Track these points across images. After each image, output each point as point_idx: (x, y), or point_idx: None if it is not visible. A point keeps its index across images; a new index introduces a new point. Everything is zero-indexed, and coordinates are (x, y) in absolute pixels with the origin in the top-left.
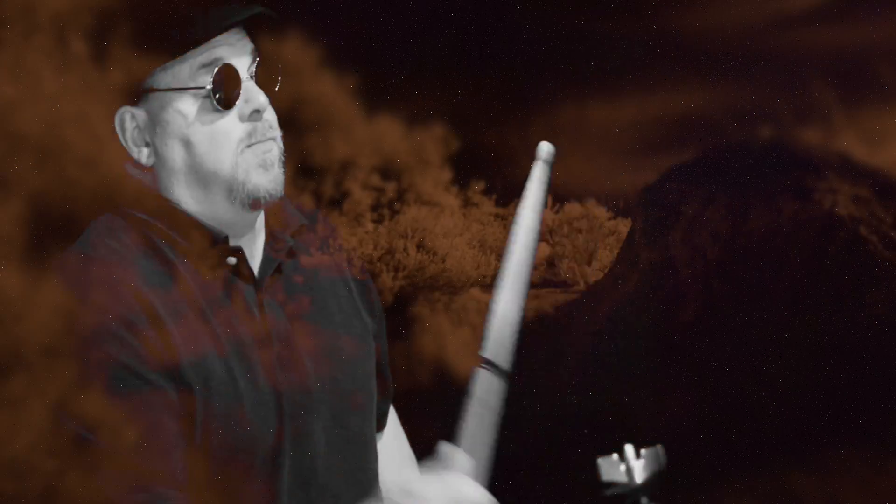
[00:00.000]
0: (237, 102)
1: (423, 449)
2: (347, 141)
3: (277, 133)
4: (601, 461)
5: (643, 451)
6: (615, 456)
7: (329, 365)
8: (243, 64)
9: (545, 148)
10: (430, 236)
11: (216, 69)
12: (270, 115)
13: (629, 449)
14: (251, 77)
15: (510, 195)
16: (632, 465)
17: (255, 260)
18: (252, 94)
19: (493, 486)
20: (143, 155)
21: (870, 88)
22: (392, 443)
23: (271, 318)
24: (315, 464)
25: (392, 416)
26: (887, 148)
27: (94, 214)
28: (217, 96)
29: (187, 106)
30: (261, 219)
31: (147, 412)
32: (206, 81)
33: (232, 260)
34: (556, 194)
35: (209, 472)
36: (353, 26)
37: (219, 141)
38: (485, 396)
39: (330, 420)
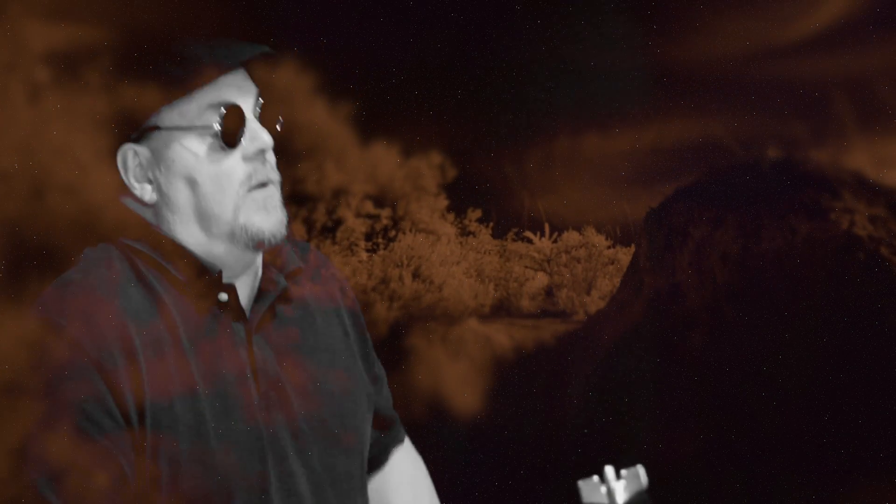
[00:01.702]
0: (242, 141)
1: None
2: (341, 168)
3: (277, 176)
4: (582, 483)
5: (623, 472)
6: (595, 478)
7: (318, 404)
8: (248, 103)
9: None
10: (427, 264)
11: (223, 108)
12: (271, 158)
13: (609, 470)
14: (256, 116)
15: (507, 225)
16: (612, 487)
17: (249, 298)
18: (257, 134)
19: None
20: (146, 192)
21: (866, 113)
22: (404, 478)
23: (259, 357)
24: None
25: (403, 452)
26: (892, 171)
27: (74, 244)
28: (224, 136)
29: (193, 145)
30: (258, 259)
31: (111, 456)
32: (214, 120)
33: (223, 296)
34: (553, 224)
35: None
36: (349, 53)
37: (222, 183)
38: None
39: (316, 461)
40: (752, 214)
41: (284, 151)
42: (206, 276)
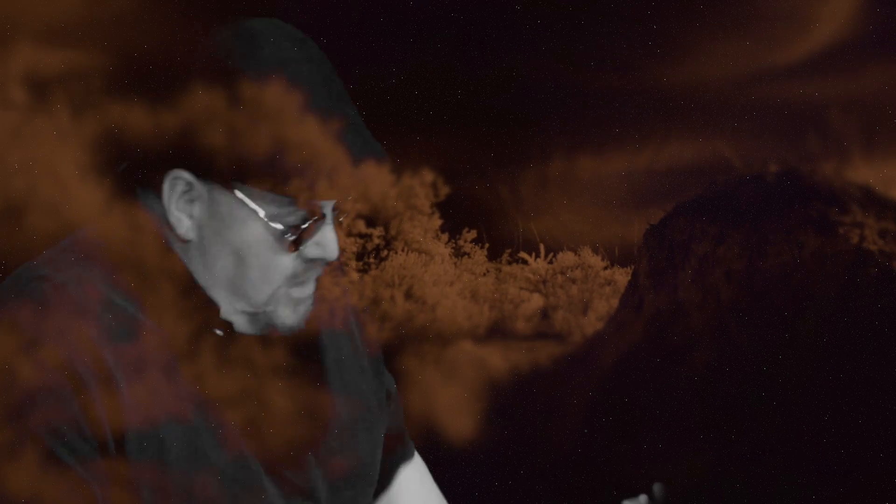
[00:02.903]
0: (307, 242)
1: None
2: (333, 186)
3: (331, 260)
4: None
5: None
6: (642, 498)
7: (325, 436)
8: (330, 205)
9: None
10: (419, 284)
11: (309, 218)
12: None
13: (658, 489)
14: (332, 213)
15: (502, 246)
16: None
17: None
18: (328, 243)
19: None
20: (184, 226)
21: (866, 133)
22: (413, 498)
23: (258, 385)
24: None
25: (411, 469)
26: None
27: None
28: (293, 243)
29: (256, 228)
30: None
31: (85, 485)
32: (289, 221)
33: (219, 332)
34: (548, 245)
35: None
36: (344, 68)
37: (269, 275)
38: None
39: (324, 499)
40: (757, 229)
41: None
42: (205, 310)
